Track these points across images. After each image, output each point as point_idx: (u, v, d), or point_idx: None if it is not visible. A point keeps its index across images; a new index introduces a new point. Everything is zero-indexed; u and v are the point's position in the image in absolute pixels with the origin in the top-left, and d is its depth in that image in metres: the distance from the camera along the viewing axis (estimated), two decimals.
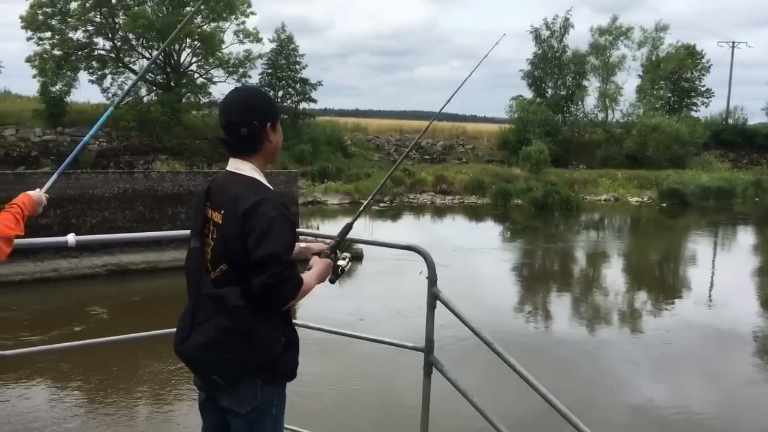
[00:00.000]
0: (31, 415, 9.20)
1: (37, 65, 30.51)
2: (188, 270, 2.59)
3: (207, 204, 2.60)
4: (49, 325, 13.17)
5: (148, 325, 3.98)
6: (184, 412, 9.54)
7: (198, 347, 2.44)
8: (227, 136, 2.57)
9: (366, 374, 10.66)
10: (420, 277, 3.69)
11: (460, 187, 36.98)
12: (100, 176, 18.46)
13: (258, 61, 35.67)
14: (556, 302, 17.25)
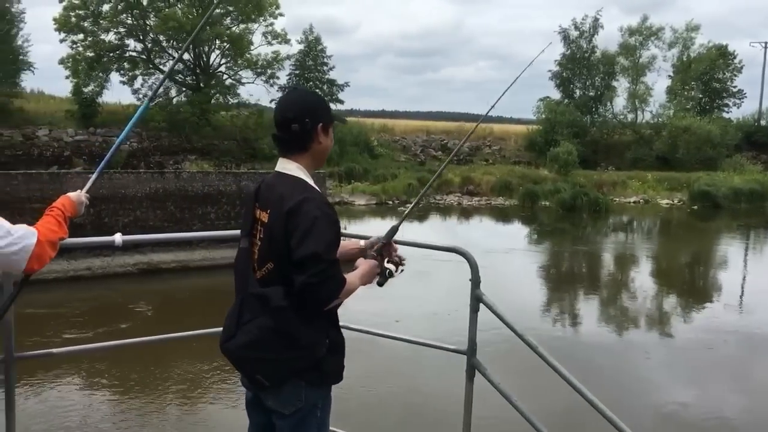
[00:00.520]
0: (67, 413, 9.35)
1: (70, 67, 30.98)
2: (236, 269, 2.62)
3: (256, 204, 2.62)
4: (96, 323, 13.38)
5: (189, 323, 4.03)
6: (216, 413, 9.63)
7: (242, 346, 2.46)
8: (280, 132, 2.62)
9: (401, 376, 10.65)
10: (454, 278, 3.69)
11: (486, 189, 36.83)
12: (132, 176, 18.70)
13: (286, 62, 35.87)
14: (584, 305, 17.11)
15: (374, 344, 10.00)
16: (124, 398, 10.09)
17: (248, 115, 33.59)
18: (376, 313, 13.38)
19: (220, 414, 9.58)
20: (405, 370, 10.69)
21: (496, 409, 3.63)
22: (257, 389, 2.60)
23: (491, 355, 3.37)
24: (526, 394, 3.19)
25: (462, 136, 45.59)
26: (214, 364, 11.10)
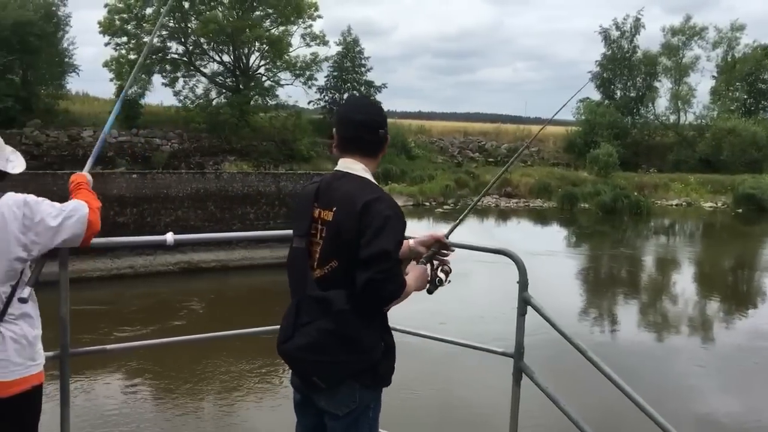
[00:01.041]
0: (111, 409, 9.53)
1: (113, 69, 31.61)
2: (291, 270, 2.61)
3: (315, 204, 2.61)
4: (147, 321, 13.65)
5: (237, 321, 4.07)
6: (256, 413, 9.73)
7: (301, 348, 2.47)
8: (364, 134, 2.62)
9: (446, 378, 10.65)
10: (499, 281, 3.67)
11: (525, 190, 36.54)
12: (174, 176, 19.00)
13: (324, 64, 36.06)
14: (624, 308, 16.86)
15: (418, 346, 10.00)
16: (168, 396, 10.26)
17: (286, 117, 33.84)
18: (417, 315, 13.32)
19: (260, 414, 9.67)
20: (450, 373, 10.67)
21: (542, 413, 3.60)
22: (312, 391, 2.60)
23: (537, 358, 3.34)
24: (573, 399, 3.15)
25: (499, 138, 45.30)
26: (255, 364, 11.24)
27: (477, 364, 9.60)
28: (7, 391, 2.69)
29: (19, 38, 25.96)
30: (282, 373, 10.97)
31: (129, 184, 17.67)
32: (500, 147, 43.39)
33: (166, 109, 33.46)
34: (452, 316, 13.59)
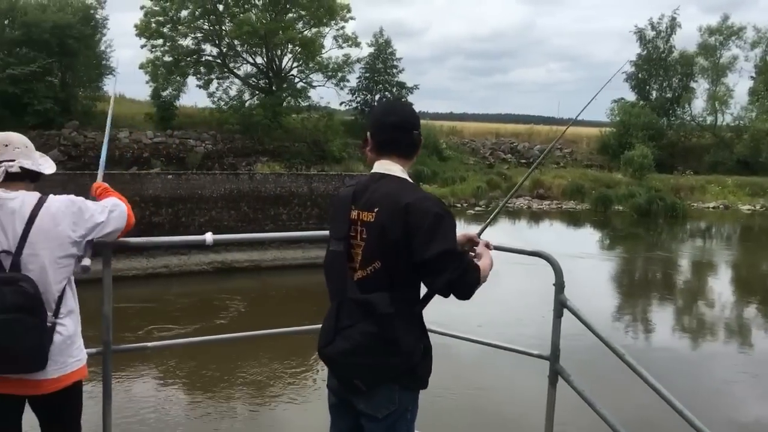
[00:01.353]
0: (146, 406, 9.68)
1: (149, 71, 32.06)
2: (330, 272, 2.62)
3: (352, 207, 2.61)
4: (187, 319, 13.87)
5: (275, 322, 4.12)
6: (288, 414, 9.80)
7: (343, 352, 2.49)
8: (397, 133, 2.65)
9: (480, 380, 10.63)
10: (537, 283, 3.66)
11: (557, 192, 36.22)
12: (208, 177, 19.22)
13: (356, 65, 36.15)
14: (659, 312, 16.62)
15: (453, 348, 10.01)
16: (203, 394, 10.38)
17: (318, 118, 34.00)
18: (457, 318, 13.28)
19: (292, 415, 9.73)
20: (484, 375, 10.65)
21: (577, 417, 3.58)
22: (351, 393, 2.61)
23: (573, 361, 3.32)
24: (609, 402, 3.12)
25: (532, 139, 44.96)
26: (288, 364, 11.33)
27: (512, 367, 9.56)
28: (54, 387, 2.79)
29: (58, 41, 26.49)
30: (315, 374, 11.05)
31: (164, 185, 17.93)
32: (533, 148, 43.06)
33: (200, 111, 33.84)
34: (490, 318, 13.50)
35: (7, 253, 2.68)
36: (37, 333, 2.65)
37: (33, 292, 2.65)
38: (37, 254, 2.71)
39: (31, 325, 2.63)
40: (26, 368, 2.68)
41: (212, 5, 31.98)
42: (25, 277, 2.66)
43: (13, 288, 2.61)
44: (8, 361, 2.63)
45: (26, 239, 2.70)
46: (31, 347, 2.63)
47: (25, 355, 2.63)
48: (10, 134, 2.94)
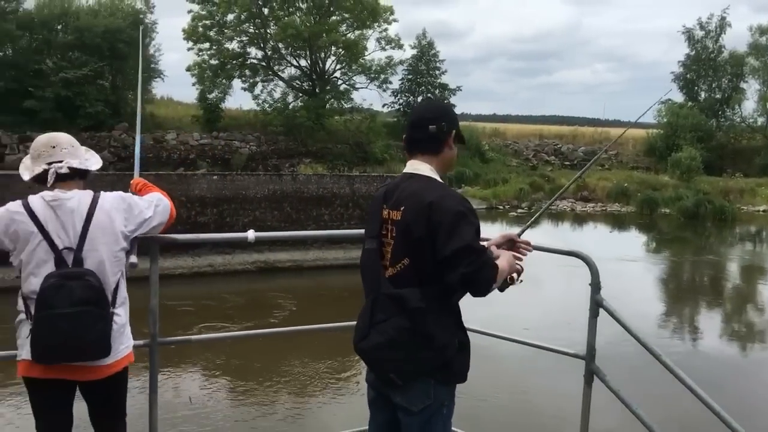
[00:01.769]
0: (187, 401, 9.88)
1: (196, 74, 32.71)
2: (365, 270, 2.71)
3: (384, 206, 2.69)
4: (243, 316, 14.09)
5: (321, 319, 4.20)
6: (327, 410, 9.89)
7: (377, 346, 2.56)
8: (415, 133, 2.72)
9: (516, 379, 10.60)
10: (572, 284, 3.67)
11: (602, 195, 35.67)
12: (252, 178, 19.49)
13: (399, 67, 36.25)
14: (706, 317, 16.25)
15: (489, 348, 9.99)
16: (243, 389, 10.54)
17: (361, 120, 34.22)
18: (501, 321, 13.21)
19: (332, 413, 9.82)
20: (520, 374, 10.61)
21: (612, 417, 3.57)
22: (388, 387, 2.66)
23: (608, 360, 3.32)
24: (645, 403, 3.12)
25: (576, 141, 44.42)
26: (328, 361, 11.44)
27: (547, 366, 9.52)
28: (106, 372, 2.97)
29: (109, 45, 27.22)
30: (356, 373, 11.14)
31: (210, 185, 18.25)
32: (577, 150, 42.54)
33: (245, 113, 34.35)
34: (532, 320, 13.39)
35: (69, 249, 2.85)
36: (103, 323, 2.83)
37: (98, 285, 2.84)
38: (96, 249, 2.89)
39: (98, 316, 2.81)
40: (93, 356, 2.86)
41: (257, 9, 32.46)
42: (89, 272, 2.83)
43: (80, 282, 2.78)
44: (78, 350, 2.80)
45: (86, 236, 2.88)
46: (97, 337, 2.81)
47: (93, 344, 2.81)
48: (57, 135, 3.11)
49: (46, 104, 25.45)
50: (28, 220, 2.86)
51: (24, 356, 2.88)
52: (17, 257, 2.89)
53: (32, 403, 3.01)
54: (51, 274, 2.78)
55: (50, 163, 2.97)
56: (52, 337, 2.74)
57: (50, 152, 3.00)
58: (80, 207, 2.91)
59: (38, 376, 2.89)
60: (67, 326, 2.72)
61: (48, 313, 2.73)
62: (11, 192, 14.75)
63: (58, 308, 2.72)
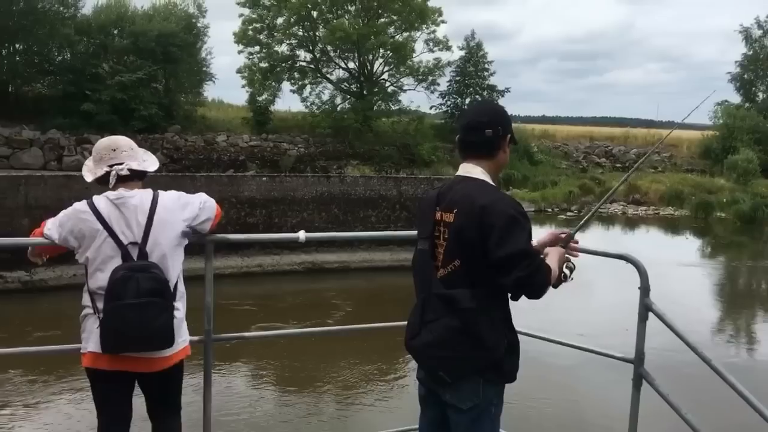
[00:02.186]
0: (237, 398, 10.06)
1: (246, 77, 33.21)
2: (417, 270, 2.77)
3: (436, 208, 2.73)
4: (298, 316, 14.30)
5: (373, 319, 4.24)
6: (375, 411, 9.94)
7: (428, 344, 2.64)
8: (469, 135, 2.75)
9: (562, 383, 10.51)
10: (618, 288, 3.65)
11: (654, 198, 34.93)
12: (300, 180, 19.72)
13: (447, 68, 36.14)
14: (763, 326, 15.78)
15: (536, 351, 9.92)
16: (292, 387, 10.68)
17: (408, 122, 34.22)
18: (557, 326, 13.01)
19: (379, 415, 9.86)
20: (566, 377, 10.51)
21: (661, 422, 3.52)
22: (437, 384, 2.72)
23: (657, 365, 3.28)
24: (695, 409, 3.07)
25: (628, 142, 43.58)
26: (380, 363, 11.51)
27: (595, 370, 9.43)
28: (165, 364, 3.10)
29: (163, 49, 27.82)
30: (401, 372, 11.19)
31: (259, 187, 18.54)
32: (628, 152, 41.73)
33: (293, 115, 34.72)
34: (583, 326, 13.19)
35: (134, 244, 3.01)
36: (167, 314, 2.97)
37: (163, 277, 2.99)
38: (159, 243, 3.05)
39: (163, 307, 2.96)
40: (158, 346, 3.00)
41: (307, 12, 32.78)
42: (154, 264, 2.99)
43: (146, 275, 2.93)
44: (144, 341, 2.94)
45: (149, 231, 3.04)
46: (162, 327, 2.95)
47: (158, 334, 2.95)
48: (117, 138, 3.28)
49: (103, 107, 26.14)
50: (94, 219, 3.02)
51: (90, 348, 3.03)
52: (83, 254, 3.05)
53: (95, 395, 3.16)
54: (119, 267, 2.94)
55: (111, 166, 3.14)
56: (120, 326, 2.88)
57: (111, 155, 3.17)
58: (143, 204, 3.08)
59: (104, 367, 3.02)
60: (134, 316, 2.86)
61: (116, 304, 2.87)
62: (71, 191, 15.30)
63: (126, 299, 2.87)
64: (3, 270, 15.03)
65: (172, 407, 3.29)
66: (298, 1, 32.11)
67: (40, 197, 15.42)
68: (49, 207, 15.35)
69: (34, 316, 14.21)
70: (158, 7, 30.75)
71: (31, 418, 9.26)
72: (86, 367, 3.08)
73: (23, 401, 9.71)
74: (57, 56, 28.80)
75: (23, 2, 26.69)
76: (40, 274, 15.26)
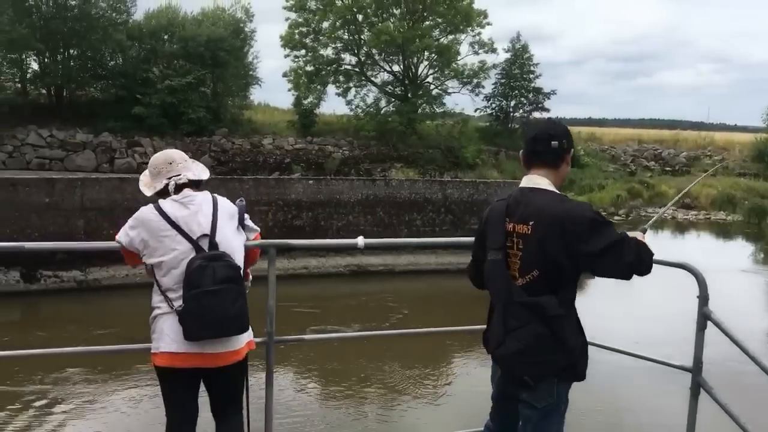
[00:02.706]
0: (291, 399, 10.20)
1: (292, 80, 33.58)
2: (492, 280, 2.87)
3: (507, 220, 2.87)
4: (356, 317, 14.50)
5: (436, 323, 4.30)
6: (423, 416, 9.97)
7: (516, 352, 2.76)
8: (537, 145, 2.93)
9: (619, 389, 10.42)
10: (673, 296, 3.65)
11: (705, 202, 34.16)
12: (346, 183, 19.87)
13: (492, 71, 35.96)
14: None
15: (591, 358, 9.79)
16: (346, 392, 10.75)
17: (453, 125, 34.14)
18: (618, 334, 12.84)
19: (426, 420, 9.89)
20: (623, 385, 10.40)
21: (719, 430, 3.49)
22: (519, 387, 2.85)
23: (715, 374, 3.26)
24: (754, 419, 3.05)
25: (678, 145, 42.71)
26: (433, 367, 11.54)
27: (652, 379, 9.31)
28: (234, 358, 3.24)
29: (212, 54, 28.33)
30: (449, 378, 11.21)
31: (305, 189, 18.73)
32: (678, 155, 40.89)
33: (338, 118, 34.95)
34: (647, 335, 12.99)
35: (204, 236, 3.17)
36: (242, 300, 3.15)
37: (236, 264, 3.17)
38: (226, 235, 3.24)
39: (238, 292, 3.12)
40: (236, 331, 3.16)
41: (352, 16, 33.00)
42: (226, 254, 3.16)
43: (221, 263, 3.10)
44: (222, 326, 3.09)
45: (216, 223, 3.22)
46: (238, 312, 3.12)
47: (235, 319, 3.11)
48: (171, 152, 3.48)
49: (153, 110, 26.73)
50: (162, 220, 3.17)
51: (163, 348, 3.16)
52: (153, 257, 3.19)
53: (166, 393, 3.30)
54: (194, 257, 3.10)
55: (170, 178, 3.29)
56: (200, 313, 3.03)
57: (168, 168, 3.35)
58: (206, 201, 3.29)
59: (177, 365, 3.17)
60: (212, 302, 3.02)
61: (196, 292, 3.02)
62: (123, 194, 15.61)
63: (203, 287, 3.02)
64: (60, 269, 15.53)
65: (235, 405, 3.41)
66: (343, 5, 32.37)
67: (95, 199, 15.86)
68: (104, 209, 16.04)
69: (89, 315, 14.67)
70: (207, 12, 31.33)
71: (87, 416, 9.53)
72: (157, 366, 3.21)
73: (81, 399, 10.00)
74: (109, 61, 29.53)
75: (77, 9, 27.48)
76: (94, 274, 15.72)
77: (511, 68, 37.80)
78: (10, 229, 15.18)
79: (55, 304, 14.89)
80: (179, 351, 3.12)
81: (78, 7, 27.49)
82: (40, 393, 10.09)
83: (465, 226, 19.95)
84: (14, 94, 28.72)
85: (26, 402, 9.79)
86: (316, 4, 33.03)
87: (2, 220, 15.24)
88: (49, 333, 12.86)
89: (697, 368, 2.96)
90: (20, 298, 14.89)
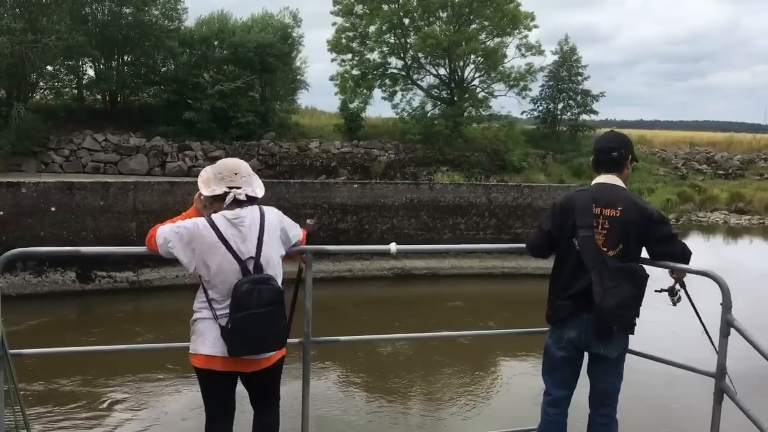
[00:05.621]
0: (328, 401, 10.38)
1: (338, 84, 33.94)
2: (586, 251, 3.61)
3: (593, 205, 3.66)
4: (397, 319, 14.72)
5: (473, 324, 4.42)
6: (457, 418, 10.05)
7: (616, 305, 3.47)
8: (601, 156, 3.86)
9: (642, 392, 10.32)
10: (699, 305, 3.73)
11: (760, 207, 33.24)
12: (390, 186, 20.03)
13: (539, 73, 35.68)
14: None
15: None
16: (382, 394, 10.89)
17: (499, 128, 33.97)
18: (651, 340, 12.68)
19: (462, 425, 9.96)
20: (647, 389, 10.30)
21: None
22: (600, 339, 3.62)
23: (739, 381, 3.29)
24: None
25: (731, 148, 41.65)
26: (466, 371, 11.59)
27: (675, 384, 9.21)
28: (269, 363, 3.47)
29: (260, 59, 28.86)
30: (487, 381, 11.24)
31: (350, 193, 18.96)
32: (732, 158, 39.87)
33: (384, 121, 35.13)
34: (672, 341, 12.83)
35: (251, 258, 3.35)
36: (283, 320, 3.39)
37: (279, 287, 3.37)
38: (271, 257, 3.41)
39: (280, 314, 3.36)
40: (275, 348, 3.43)
41: (398, 20, 33.18)
42: (271, 277, 3.36)
43: (266, 286, 3.31)
44: (264, 344, 3.35)
45: (262, 246, 3.38)
46: (279, 332, 3.38)
47: (276, 338, 3.38)
48: (240, 163, 3.60)
49: (203, 115, 27.38)
50: (213, 235, 3.34)
51: (203, 351, 3.38)
52: (199, 266, 3.37)
53: (205, 391, 3.52)
54: (242, 280, 3.29)
55: (231, 188, 3.42)
56: (247, 332, 3.25)
57: (233, 177, 3.48)
58: (254, 221, 3.42)
59: (217, 368, 3.39)
60: (258, 324, 3.25)
61: (245, 314, 3.24)
62: (174, 197, 16.04)
63: (251, 309, 3.24)
64: (113, 270, 16.09)
65: (272, 397, 3.65)
66: (390, 9, 32.58)
67: (147, 202, 16.39)
68: (155, 211, 16.52)
69: (140, 314, 15.16)
70: (256, 18, 31.89)
71: (132, 413, 9.82)
72: (197, 367, 3.42)
73: (128, 397, 10.35)
74: (162, 67, 30.36)
75: (131, 16, 28.37)
76: (145, 275, 16.24)
77: (559, 71, 37.43)
78: (67, 231, 15.81)
79: (108, 304, 15.43)
80: (217, 355, 3.34)
81: (132, 15, 28.37)
82: (95, 391, 10.48)
83: (509, 230, 19.91)
84: (71, 100, 29.73)
85: (77, 398, 10.18)
86: (363, 9, 33.33)
87: (60, 222, 15.89)
88: (104, 328, 13.41)
89: (721, 374, 3.01)
90: (76, 298, 15.48)
